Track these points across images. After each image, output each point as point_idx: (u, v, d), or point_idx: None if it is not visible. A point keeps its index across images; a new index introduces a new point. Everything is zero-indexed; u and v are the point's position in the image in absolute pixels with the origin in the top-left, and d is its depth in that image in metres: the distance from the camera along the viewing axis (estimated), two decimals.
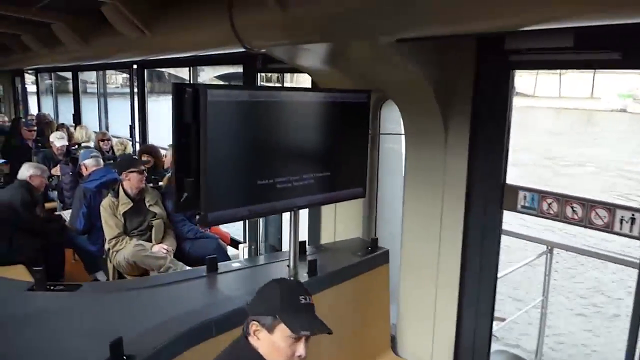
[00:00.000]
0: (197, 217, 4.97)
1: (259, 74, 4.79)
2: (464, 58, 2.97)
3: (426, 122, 3.21)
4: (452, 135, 3.13)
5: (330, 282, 3.10)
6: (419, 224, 3.45)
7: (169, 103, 2.38)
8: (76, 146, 7.66)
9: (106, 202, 4.48)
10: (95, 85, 12.98)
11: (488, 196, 3.07)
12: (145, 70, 8.27)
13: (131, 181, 4.46)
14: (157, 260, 4.22)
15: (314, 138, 3.07)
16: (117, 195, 4.49)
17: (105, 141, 7.31)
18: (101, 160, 5.23)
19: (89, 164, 5.13)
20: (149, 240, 4.51)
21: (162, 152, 6.31)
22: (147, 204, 4.57)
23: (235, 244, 5.09)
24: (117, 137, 7.69)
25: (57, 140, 7.05)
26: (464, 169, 3.11)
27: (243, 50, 3.40)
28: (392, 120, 4.00)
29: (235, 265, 3.20)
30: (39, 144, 8.37)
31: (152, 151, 6.31)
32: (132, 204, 4.47)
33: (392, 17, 2.29)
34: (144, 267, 4.26)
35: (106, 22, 4.20)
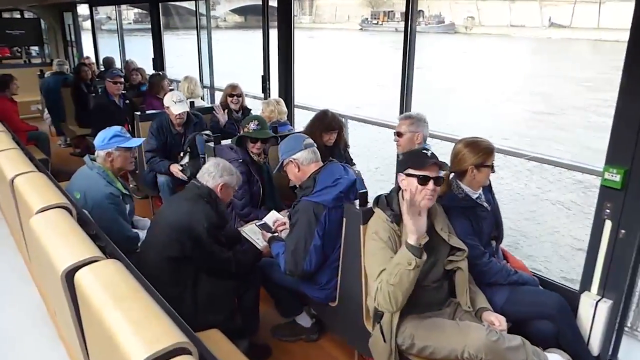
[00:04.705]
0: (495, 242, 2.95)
1: None
2: None
3: None
4: None
5: None
6: None
7: None
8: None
9: (380, 227, 2.41)
10: (115, 22, 10.54)
11: None
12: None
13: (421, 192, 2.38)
14: (517, 353, 2.18)
15: None
16: (398, 219, 2.42)
17: (235, 97, 5.12)
18: (319, 154, 2.97)
19: (305, 159, 2.83)
20: (446, 299, 2.51)
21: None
22: (442, 233, 2.51)
23: (548, 285, 2.94)
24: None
25: (175, 105, 4.46)
26: None
27: None
28: None
29: None
30: (127, 101, 6.23)
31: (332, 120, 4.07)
32: (426, 237, 2.41)
33: None
34: None
35: None
